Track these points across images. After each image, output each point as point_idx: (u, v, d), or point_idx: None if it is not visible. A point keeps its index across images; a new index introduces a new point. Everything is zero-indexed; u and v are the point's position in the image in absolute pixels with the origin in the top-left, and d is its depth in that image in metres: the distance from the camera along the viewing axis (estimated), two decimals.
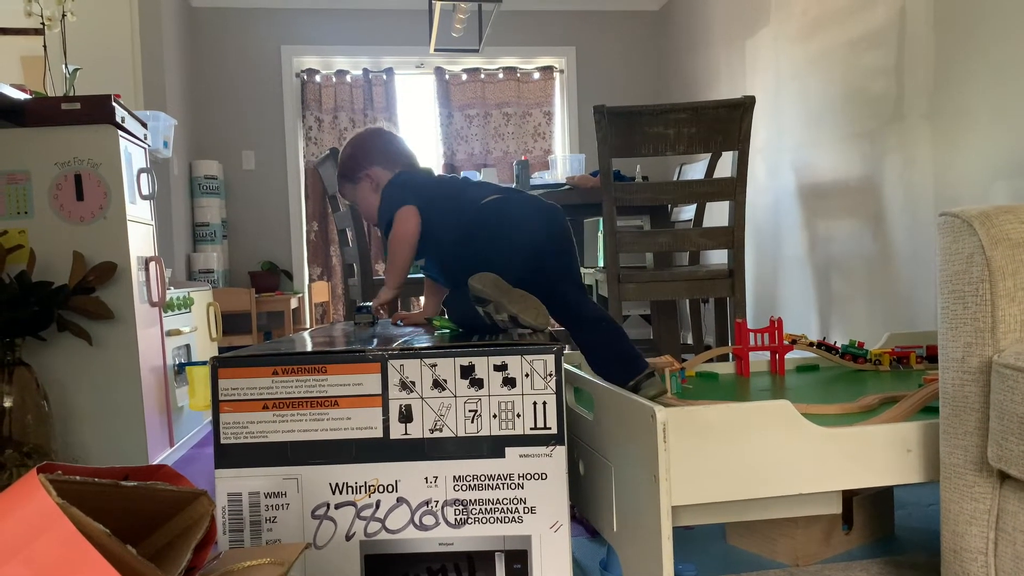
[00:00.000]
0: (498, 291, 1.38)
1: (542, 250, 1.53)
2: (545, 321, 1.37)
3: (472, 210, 1.56)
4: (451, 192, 1.68)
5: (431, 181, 1.75)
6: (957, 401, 1.12)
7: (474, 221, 1.55)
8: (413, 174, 1.75)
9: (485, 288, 1.38)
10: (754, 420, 1.22)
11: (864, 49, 2.99)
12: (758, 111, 3.57)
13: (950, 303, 1.13)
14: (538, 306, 1.37)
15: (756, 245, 3.94)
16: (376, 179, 1.75)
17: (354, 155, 1.78)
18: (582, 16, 5.18)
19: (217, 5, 4.88)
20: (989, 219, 1.09)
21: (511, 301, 1.36)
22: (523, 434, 1.13)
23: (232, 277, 4.89)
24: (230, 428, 1.12)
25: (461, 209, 1.59)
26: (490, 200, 1.57)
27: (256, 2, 4.90)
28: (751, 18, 3.92)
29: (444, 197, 1.66)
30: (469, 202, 1.59)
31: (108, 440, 2.25)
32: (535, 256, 1.51)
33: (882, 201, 2.91)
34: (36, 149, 2.21)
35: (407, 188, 1.69)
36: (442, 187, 1.72)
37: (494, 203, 1.57)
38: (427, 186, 1.70)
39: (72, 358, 2.22)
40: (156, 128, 3.52)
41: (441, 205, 1.64)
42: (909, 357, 1.99)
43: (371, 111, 5.11)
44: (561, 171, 3.71)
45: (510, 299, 1.37)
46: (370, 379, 1.12)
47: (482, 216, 1.54)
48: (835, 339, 3.27)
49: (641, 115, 2.40)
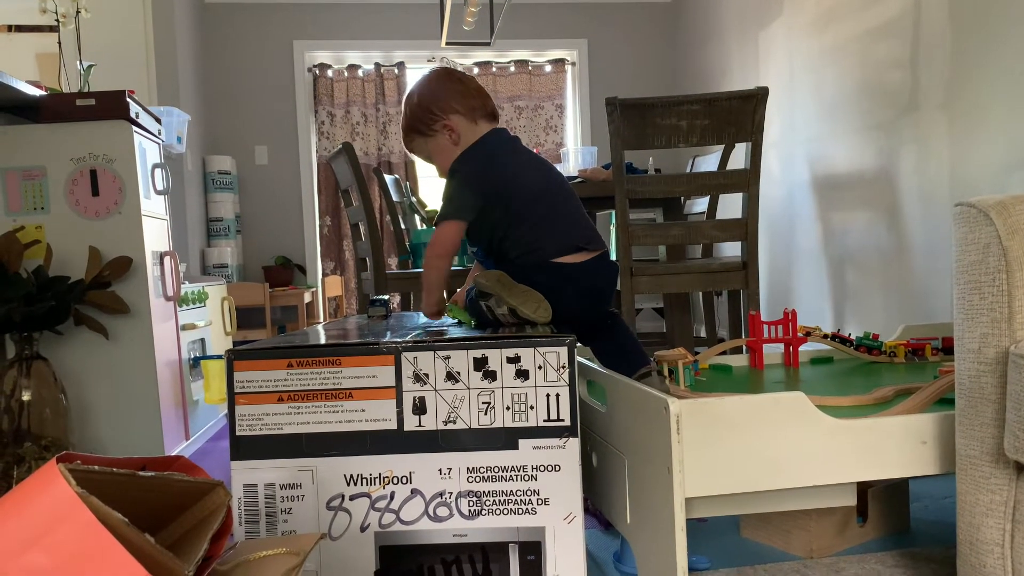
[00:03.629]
0: (500, 286, 1.38)
1: (588, 316, 1.60)
2: (546, 315, 1.36)
3: (543, 259, 1.49)
4: (530, 197, 1.51)
5: (508, 173, 1.53)
6: (973, 392, 1.11)
7: (539, 267, 1.49)
8: (493, 151, 1.55)
9: (488, 283, 1.39)
10: (768, 412, 1.22)
11: (879, 40, 2.97)
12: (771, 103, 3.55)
13: (966, 293, 1.12)
14: (539, 300, 1.37)
15: (770, 237, 3.92)
16: (457, 131, 1.56)
17: (428, 105, 1.57)
18: (593, 8, 5.16)
19: (229, 0, 4.89)
20: (1006, 208, 1.08)
21: (511, 295, 1.36)
22: (536, 426, 1.13)
23: (246, 272, 4.92)
24: (245, 420, 1.12)
25: (537, 240, 1.49)
26: (565, 264, 1.49)
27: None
28: (764, 9, 3.89)
29: (524, 202, 1.50)
30: (548, 238, 1.49)
31: (124, 433, 2.27)
32: (580, 318, 1.57)
33: (897, 193, 2.89)
34: (52, 145, 2.23)
35: (480, 179, 1.51)
36: (521, 187, 1.52)
37: (568, 271, 1.49)
38: (503, 180, 1.52)
39: (89, 352, 2.24)
40: (170, 124, 3.54)
41: (517, 213, 1.49)
42: (924, 349, 1.98)
43: (383, 105, 5.11)
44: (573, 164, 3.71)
45: (511, 293, 1.37)
46: (384, 371, 1.12)
47: (548, 276, 1.47)
48: (850, 331, 3.25)
49: (654, 107, 2.39)
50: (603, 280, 1.56)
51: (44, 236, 2.22)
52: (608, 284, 1.57)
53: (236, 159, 4.87)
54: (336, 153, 2.99)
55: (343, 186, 3.16)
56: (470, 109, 1.57)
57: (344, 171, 3.01)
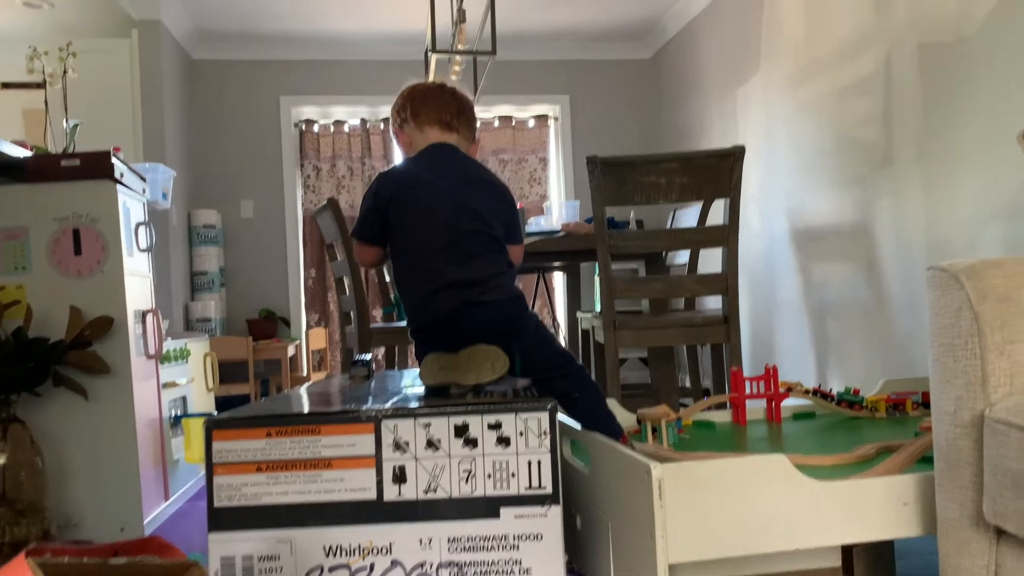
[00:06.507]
0: (445, 373, 1.36)
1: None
2: (503, 365, 1.35)
3: (411, 306, 1.52)
4: (411, 225, 1.51)
5: (406, 195, 1.53)
6: (951, 455, 1.12)
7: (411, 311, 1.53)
8: (414, 168, 1.59)
9: (436, 379, 1.37)
10: (750, 474, 1.22)
11: (853, 96, 3.04)
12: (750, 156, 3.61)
13: (941, 355, 1.14)
14: (488, 357, 1.34)
15: (752, 288, 3.96)
16: (404, 139, 1.67)
17: (393, 109, 1.71)
18: (576, 65, 5.27)
19: (217, 58, 4.96)
20: (976, 273, 1.11)
21: (462, 374, 1.34)
22: (518, 494, 1.13)
23: (230, 325, 4.89)
24: (223, 491, 1.11)
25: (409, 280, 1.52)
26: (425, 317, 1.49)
27: (256, 54, 4.99)
28: (742, 66, 3.99)
29: (404, 231, 1.52)
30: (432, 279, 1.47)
31: (102, 496, 2.23)
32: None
33: (875, 246, 2.93)
34: (35, 205, 2.23)
35: (376, 198, 1.55)
36: (407, 214, 1.52)
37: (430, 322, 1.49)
38: (399, 202, 1.52)
39: (67, 413, 2.21)
40: (155, 180, 3.56)
41: (396, 242, 1.53)
42: (905, 404, 1.99)
43: (369, 159, 5.16)
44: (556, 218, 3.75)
45: (459, 372, 1.35)
46: (364, 440, 1.12)
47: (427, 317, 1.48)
48: (832, 384, 3.27)
49: (633, 165, 2.43)
50: (472, 328, 1.42)
51: (25, 296, 2.21)
52: (487, 328, 1.43)
53: (221, 212, 4.88)
54: (321, 208, 3.01)
55: (328, 240, 3.18)
56: (422, 116, 1.64)
57: (329, 226, 3.03)
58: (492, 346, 1.36)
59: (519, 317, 1.48)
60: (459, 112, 1.64)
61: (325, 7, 4.42)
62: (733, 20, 4.06)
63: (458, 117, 1.63)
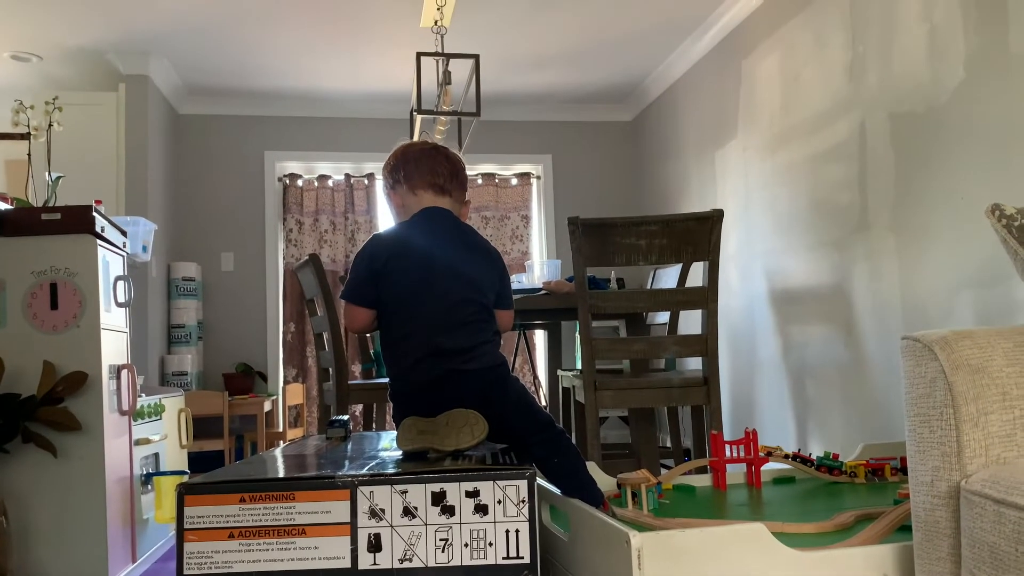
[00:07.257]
0: (424, 438, 1.36)
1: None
2: (482, 429, 1.34)
3: (397, 372, 1.53)
4: (403, 291, 1.52)
5: (400, 262, 1.53)
6: (928, 526, 1.12)
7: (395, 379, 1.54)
8: (407, 232, 1.59)
9: (414, 443, 1.36)
10: (729, 543, 1.21)
11: (828, 162, 3.12)
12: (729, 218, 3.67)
13: (916, 425, 1.15)
14: (467, 422, 1.34)
15: (732, 347, 3.98)
16: (397, 201, 1.65)
17: (384, 170, 1.69)
18: (558, 126, 5.37)
19: (204, 112, 5.01)
20: (949, 344, 1.12)
21: (441, 440, 1.33)
22: (495, 564, 1.11)
23: (206, 379, 4.83)
24: (194, 558, 1.08)
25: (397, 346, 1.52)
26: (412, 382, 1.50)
27: (242, 110, 5.04)
28: (720, 131, 4.08)
29: (395, 297, 1.52)
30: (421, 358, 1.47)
31: (68, 556, 2.16)
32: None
33: (852, 309, 2.97)
34: (13, 258, 2.22)
35: (371, 260, 1.54)
36: (398, 280, 1.52)
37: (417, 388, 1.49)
38: (391, 268, 1.53)
39: (35, 470, 2.16)
40: (136, 233, 3.55)
41: (387, 307, 1.53)
42: (884, 469, 1.99)
43: (352, 214, 5.19)
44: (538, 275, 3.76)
45: (437, 438, 1.34)
46: (339, 506, 1.10)
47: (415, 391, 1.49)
48: (812, 447, 3.27)
49: (614, 227, 2.46)
50: (453, 395, 1.43)
51: None
52: (468, 395, 1.43)
53: (202, 265, 4.86)
54: (303, 264, 3.01)
55: (308, 296, 3.17)
56: (416, 180, 1.62)
57: (310, 281, 3.02)
58: (471, 410, 1.35)
59: (501, 383, 1.48)
60: (452, 175, 1.65)
61: (313, 65, 4.49)
62: (712, 86, 4.17)
63: (451, 180, 1.64)
